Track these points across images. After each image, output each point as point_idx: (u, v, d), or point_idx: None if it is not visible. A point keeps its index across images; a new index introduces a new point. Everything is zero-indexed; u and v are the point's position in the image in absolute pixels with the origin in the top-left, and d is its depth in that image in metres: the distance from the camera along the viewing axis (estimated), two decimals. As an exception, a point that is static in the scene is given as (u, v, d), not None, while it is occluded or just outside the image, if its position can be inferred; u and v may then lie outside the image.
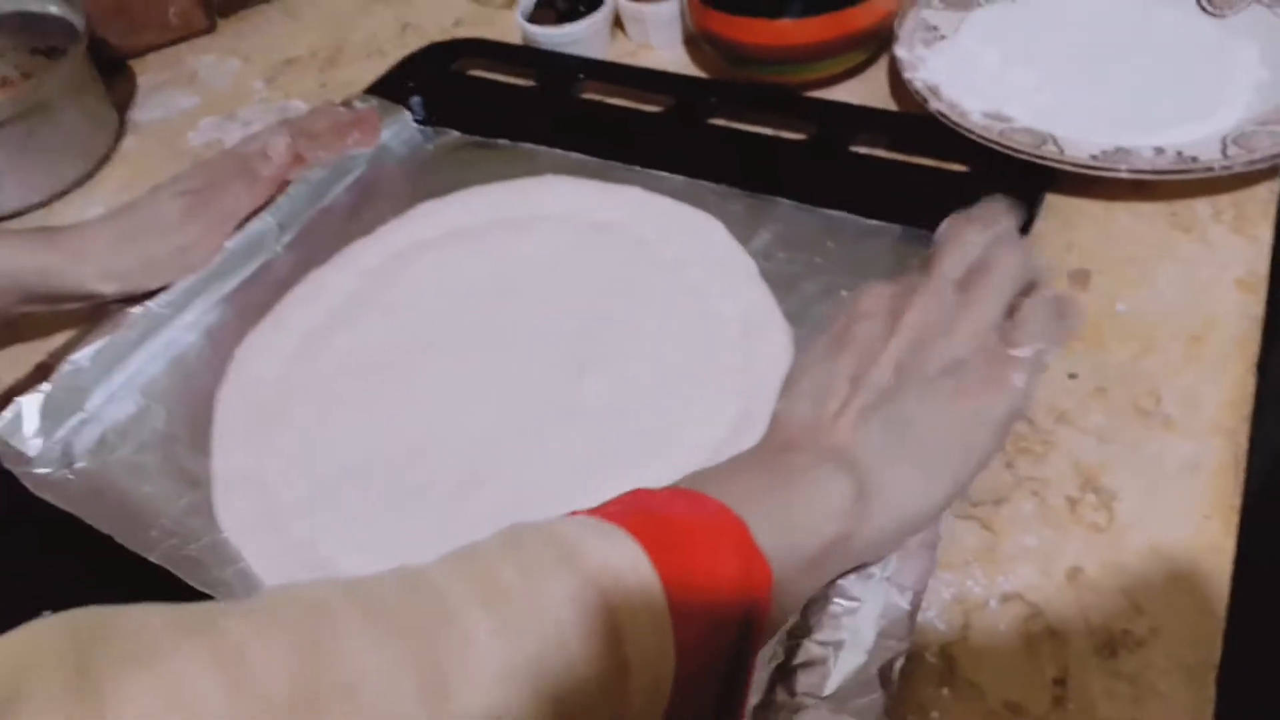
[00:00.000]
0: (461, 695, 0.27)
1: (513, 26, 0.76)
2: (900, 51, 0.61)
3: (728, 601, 0.32)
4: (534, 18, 0.70)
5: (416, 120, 0.68)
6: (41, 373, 0.53)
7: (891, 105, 0.63)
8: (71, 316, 0.56)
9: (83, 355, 0.53)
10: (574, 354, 0.51)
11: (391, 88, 0.69)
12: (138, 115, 0.74)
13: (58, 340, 0.57)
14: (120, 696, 0.24)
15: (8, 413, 0.51)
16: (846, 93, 0.64)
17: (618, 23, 0.72)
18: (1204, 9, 0.62)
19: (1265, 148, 0.51)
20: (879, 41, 0.64)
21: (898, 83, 0.64)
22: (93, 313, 0.55)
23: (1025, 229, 0.51)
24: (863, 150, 0.58)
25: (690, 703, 0.32)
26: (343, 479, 0.47)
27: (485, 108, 0.67)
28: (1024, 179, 0.54)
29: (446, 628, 0.29)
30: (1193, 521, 0.41)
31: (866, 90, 0.65)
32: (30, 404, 0.51)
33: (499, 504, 0.45)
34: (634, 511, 0.33)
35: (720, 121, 0.62)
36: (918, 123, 0.58)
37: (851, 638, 0.36)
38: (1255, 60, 0.59)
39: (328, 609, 0.28)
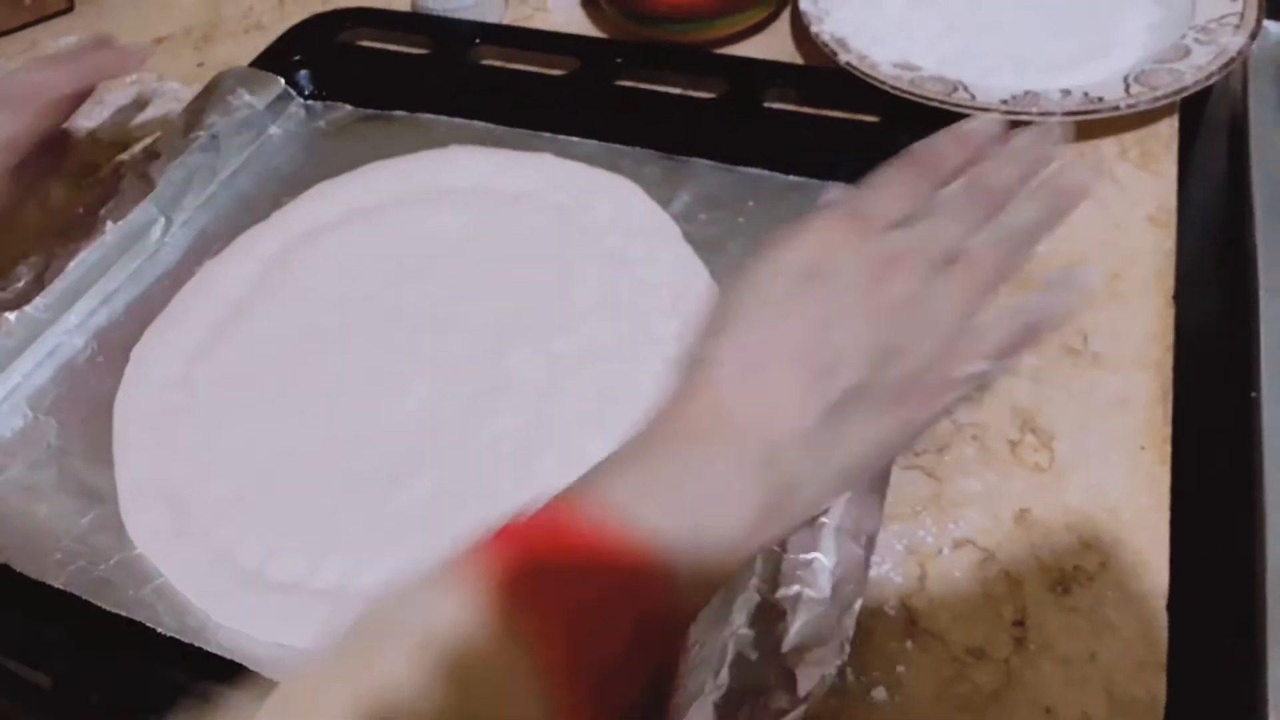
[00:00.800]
0: None
1: (399, -6, 0.73)
2: (805, 4, 0.60)
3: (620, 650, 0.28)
4: (424, -18, 0.67)
5: (303, 96, 0.65)
6: (-90, 391, 0.48)
7: (797, 59, 0.63)
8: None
9: (-45, 369, 0.49)
10: (498, 331, 0.48)
11: (275, 62, 0.65)
12: (-7, 104, 0.68)
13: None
14: None
15: (-125, 437, 0.46)
16: (751, 49, 0.63)
17: (513, -15, 0.69)
18: (1094, -48, 0.63)
19: (1166, 84, 0.52)
20: (782, -4, 0.64)
21: (802, 36, 0.63)
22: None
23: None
24: (775, 106, 0.58)
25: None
26: (262, 479, 0.44)
27: (378, 79, 0.64)
28: (936, 127, 0.53)
29: None
30: (1129, 455, 0.42)
31: (771, 46, 0.64)
32: (-99, 426, 0.47)
33: (436, 490, 0.43)
34: (519, 565, 0.28)
35: (628, 83, 0.60)
36: (827, 75, 0.58)
37: (809, 590, 0.36)
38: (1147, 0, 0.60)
39: None
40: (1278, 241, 0.54)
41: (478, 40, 0.64)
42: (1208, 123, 0.65)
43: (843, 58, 0.56)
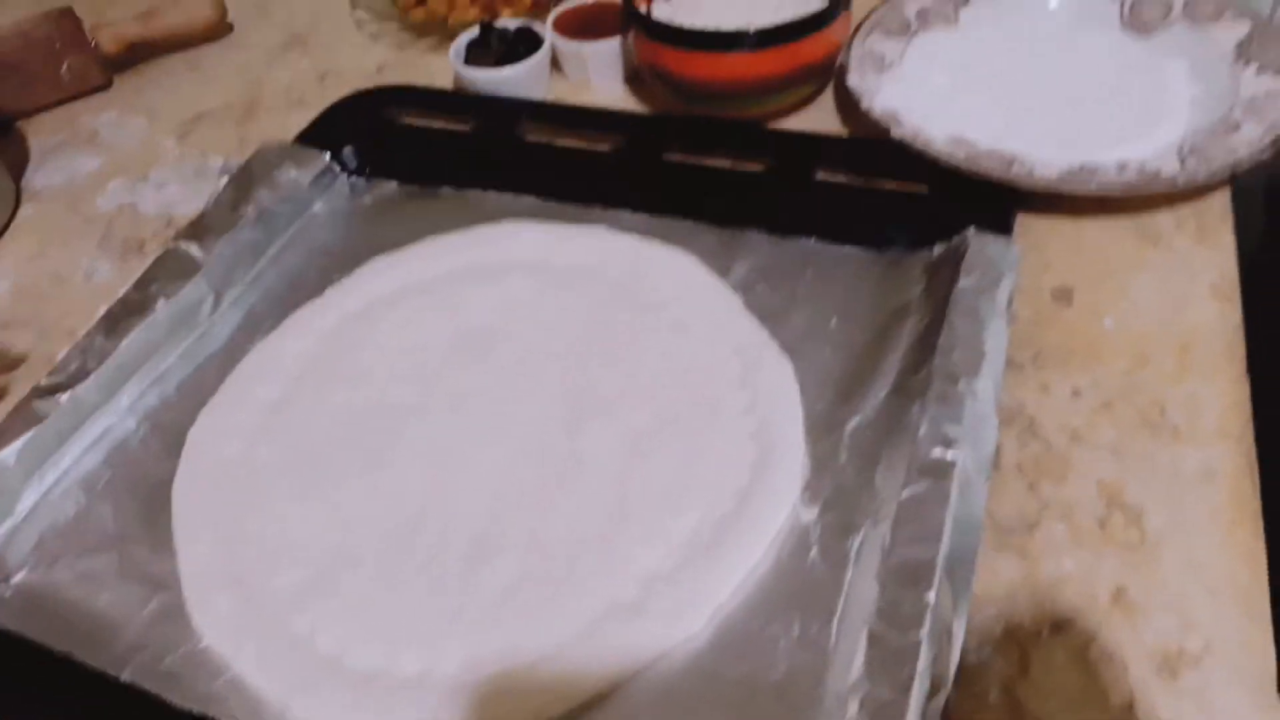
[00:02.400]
0: None
1: (438, 70, 0.73)
2: (853, 81, 0.60)
3: None
4: (469, 61, 0.67)
5: (349, 172, 0.65)
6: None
7: (844, 133, 0.63)
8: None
9: (5, 453, 0.47)
10: (568, 406, 0.48)
11: (320, 138, 0.65)
12: (35, 181, 0.68)
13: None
14: None
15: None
16: (797, 123, 0.64)
17: (554, 62, 0.70)
18: (1129, 29, 0.64)
19: (1221, 158, 0.53)
20: (829, 73, 0.64)
21: (847, 111, 0.64)
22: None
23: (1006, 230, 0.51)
24: (825, 178, 0.58)
25: None
26: (335, 562, 0.43)
27: (425, 155, 0.64)
28: (990, 199, 0.54)
29: None
30: (1220, 530, 0.41)
31: (817, 120, 0.64)
32: (-51, 514, 0.45)
33: (516, 572, 0.41)
34: None
35: (676, 157, 0.60)
36: (877, 148, 0.58)
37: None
38: (1186, 75, 0.61)
39: None
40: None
41: (524, 117, 0.65)
42: (1241, 190, 0.65)
43: (896, 132, 0.56)
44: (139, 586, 0.43)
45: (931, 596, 0.36)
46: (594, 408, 0.47)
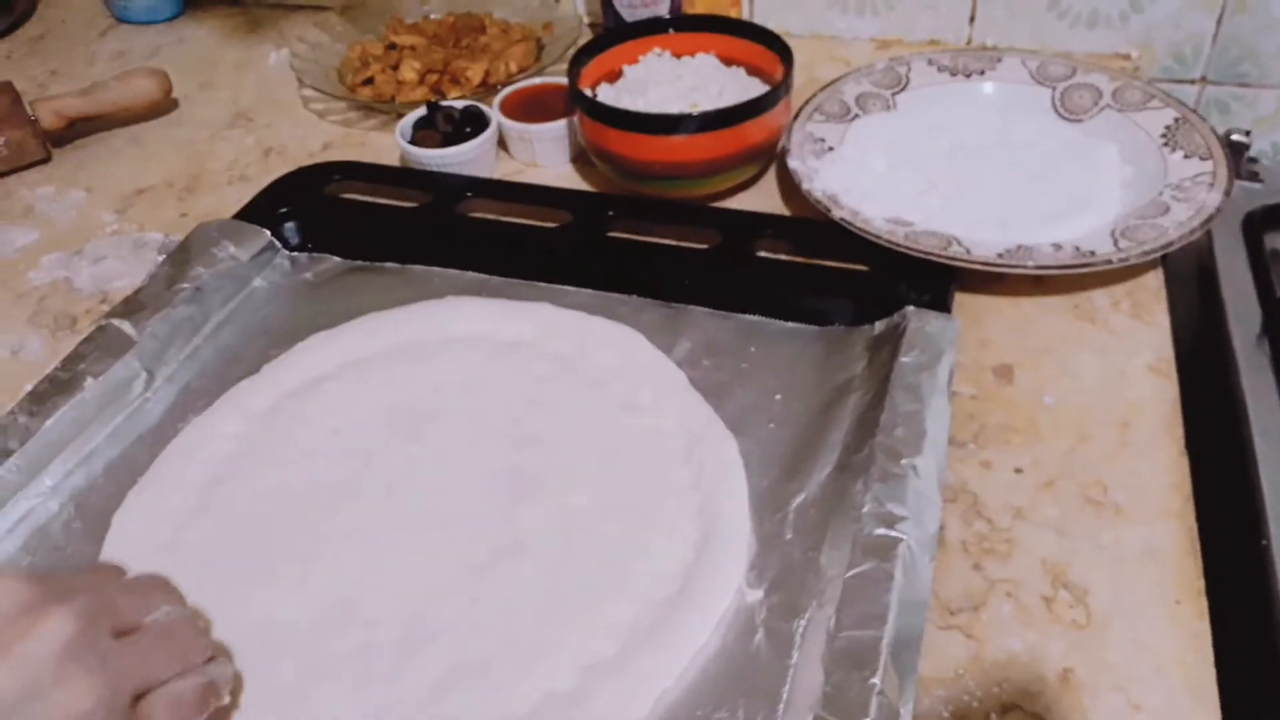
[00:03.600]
0: None
1: (384, 149, 0.73)
2: (794, 163, 0.61)
3: None
4: (415, 140, 0.67)
5: (289, 247, 0.64)
6: None
7: (786, 212, 0.64)
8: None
9: (-84, 537, 0.45)
10: (506, 485, 0.47)
11: (260, 214, 0.64)
12: (-35, 256, 0.66)
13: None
14: None
15: None
16: (740, 203, 0.65)
17: (501, 142, 0.70)
18: (1061, 115, 0.66)
19: (1152, 239, 0.54)
20: (770, 155, 0.65)
21: (789, 192, 0.65)
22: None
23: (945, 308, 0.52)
24: (767, 256, 0.58)
25: None
26: (261, 652, 0.41)
27: (367, 231, 0.64)
28: (927, 277, 0.55)
29: None
30: (1165, 609, 0.41)
31: (759, 200, 0.65)
32: None
33: (450, 660, 0.40)
34: None
35: (620, 234, 0.61)
36: (818, 228, 0.59)
37: None
38: (1117, 159, 0.63)
39: None
40: (1263, 387, 0.55)
41: (469, 194, 0.65)
42: (1174, 270, 0.67)
43: (836, 213, 0.57)
44: (51, 680, 0.41)
45: (877, 680, 0.35)
46: (534, 487, 0.46)
